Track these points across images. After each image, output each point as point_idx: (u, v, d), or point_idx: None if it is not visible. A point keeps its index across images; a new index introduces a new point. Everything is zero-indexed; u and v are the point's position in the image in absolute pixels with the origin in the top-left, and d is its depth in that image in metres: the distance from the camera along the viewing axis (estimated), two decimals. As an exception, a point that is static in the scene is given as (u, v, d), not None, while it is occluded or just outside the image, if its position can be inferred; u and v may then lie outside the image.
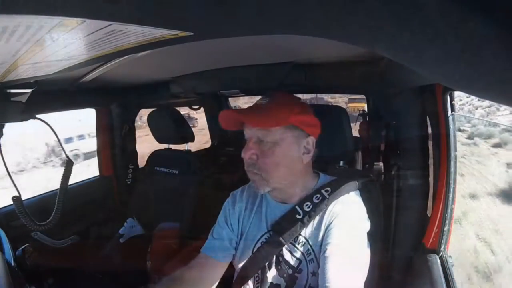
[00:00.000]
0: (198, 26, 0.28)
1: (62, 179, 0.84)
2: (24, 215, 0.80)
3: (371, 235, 0.71)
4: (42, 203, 1.32)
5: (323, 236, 0.69)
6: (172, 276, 0.73)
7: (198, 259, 0.78)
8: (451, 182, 0.76)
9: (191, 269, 0.76)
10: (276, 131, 0.69)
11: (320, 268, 0.65)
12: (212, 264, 0.77)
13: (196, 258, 0.79)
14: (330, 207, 0.71)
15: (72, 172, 0.86)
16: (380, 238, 0.83)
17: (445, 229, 0.76)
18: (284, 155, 0.70)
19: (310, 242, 0.71)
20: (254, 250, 0.75)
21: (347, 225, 0.68)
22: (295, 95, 0.79)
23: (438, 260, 0.75)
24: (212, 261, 0.77)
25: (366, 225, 0.71)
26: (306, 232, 0.72)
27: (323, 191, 0.73)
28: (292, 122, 0.70)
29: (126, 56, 0.63)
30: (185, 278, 0.73)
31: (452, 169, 0.75)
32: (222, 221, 0.81)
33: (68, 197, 0.86)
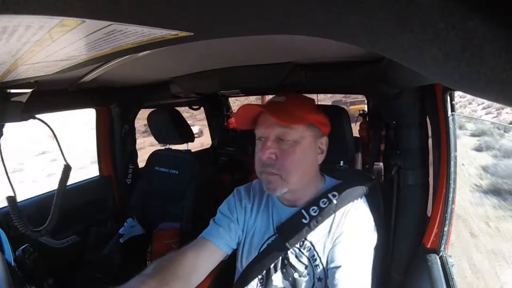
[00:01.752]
0: (198, 26, 0.27)
1: (59, 184, 0.83)
2: (19, 220, 0.78)
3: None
4: (41, 204, 1.32)
5: (331, 246, 0.68)
6: (165, 258, 0.67)
7: (196, 243, 0.73)
8: (451, 182, 0.75)
9: (186, 252, 0.70)
10: (298, 129, 0.68)
11: (329, 279, 0.65)
12: (210, 249, 0.72)
13: (193, 243, 0.73)
14: (339, 215, 0.70)
15: (69, 177, 0.84)
16: (381, 238, 0.83)
17: (445, 229, 0.76)
18: (304, 155, 0.68)
19: (317, 248, 0.70)
20: (260, 252, 0.74)
21: (356, 237, 0.68)
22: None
23: (438, 260, 0.74)
24: (210, 245, 0.72)
25: (374, 236, 0.71)
26: (313, 237, 0.71)
27: (330, 195, 0.72)
28: (311, 120, 0.69)
29: (126, 56, 0.63)
30: (178, 261, 0.67)
31: (452, 169, 0.75)
32: (228, 213, 0.78)
33: (68, 197, 0.86)
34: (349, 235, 0.67)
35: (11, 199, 0.77)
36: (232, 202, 0.80)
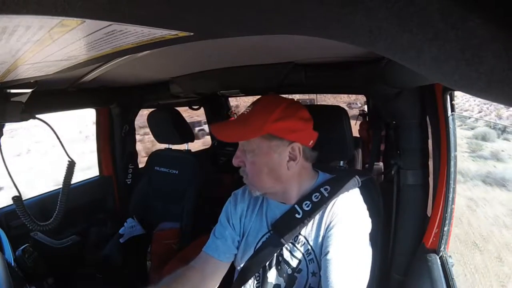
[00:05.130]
0: (198, 26, 0.27)
1: (64, 180, 0.84)
2: (25, 215, 0.80)
3: (371, 235, 0.71)
4: (43, 203, 1.32)
5: (323, 237, 0.69)
6: (173, 275, 0.73)
7: (200, 259, 0.78)
8: (451, 182, 0.76)
9: (192, 268, 0.75)
10: (253, 142, 0.69)
11: (322, 270, 0.64)
12: (214, 264, 0.77)
13: (197, 258, 0.78)
14: (330, 206, 0.71)
15: (73, 172, 0.86)
16: (380, 238, 0.83)
17: (445, 229, 0.76)
18: (263, 164, 0.70)
19: (310, 242, 0.71)
20: (255, 250, 0.75)
21: (347, 225, 0.67)
22: (287, 95, 0.80)
23: (438, 260, 0.75)
24: (214, 261, 0.77)
25: (367, 224, 0.71)
26: (306, 231, 0.72)
27: (322, 189, 0.72)
28: (268, 131, 0.67)
29: (126, 56, 0.63)
30: (187, 278, 0.73)
31: (452, 169, 0.75)
32: (224, 221, 0.81)
33: (69, 197, 0.86)
34: (340, 224, 0.68)
35: (17, 198, 0.78)
36: (228, 209, 0.83)
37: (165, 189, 1.49)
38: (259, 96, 0.77)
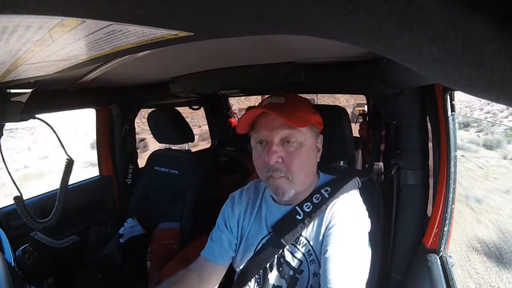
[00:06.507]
0: (198, 26, 0.27)
1: (62, 177, 0.85)
2: (26, 213, 0.80)
3: (371, 235, 0.71)
4: (43, 203, 1.32)
5: (323, 236, 0.69)
6: (172, 279, 0.74)
7: (198, 263, 0.79)
8: (451, 182, 0.76)
9: (190, 272, 0.76)
10: (303, 131, 0.68)
11: (322, 269, 0.64)
12: (212, 267, 0.77)
13: (195, 261, 0.79)
14: (330, 206, 0.71)
15: (72, 170, 0.86)
16: (380, 238, 0.83)
17: (445, 229, 0.76)
18: (308, 156, 0.70)
19: (311, 243, 0.71)
20: (255, 252, 0.75)
21: (347, 225, 0.67)
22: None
23: (438, 260, 0.75)
24: (211, 264, 0.77)
25: (366, 223, 0.71)
26: (307, 232, 0.72)
27: (322, 190, 0.72)
28: (312, 122, 0.70)
29: (126, 56, 0.63)
30: (185, 281, 0.73)
31: (452, 169, 0.75)
32: (222, 224, 0.81)
33: (69, 197, 0.86)
34: (340, 223, 0.68)
35: (17, 197, 0.79)
36: (225, 211, 0.83)
37: (165, 189, 1.49)
38: (258, 96, 0.77)
